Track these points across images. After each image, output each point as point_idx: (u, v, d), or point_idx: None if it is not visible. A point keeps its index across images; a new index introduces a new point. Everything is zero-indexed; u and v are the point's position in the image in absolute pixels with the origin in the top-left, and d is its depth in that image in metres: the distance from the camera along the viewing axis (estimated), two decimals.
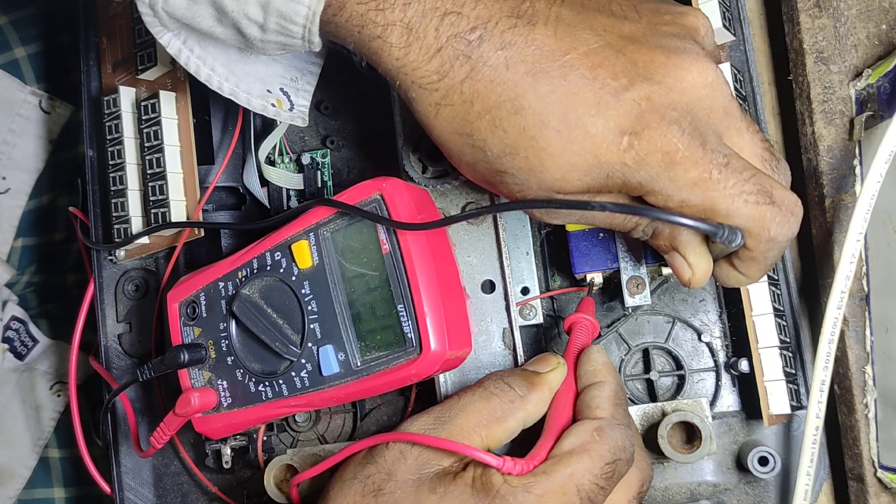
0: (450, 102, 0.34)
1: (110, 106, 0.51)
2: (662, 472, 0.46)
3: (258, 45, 0.37)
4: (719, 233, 0.32)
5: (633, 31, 0.34)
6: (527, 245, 0.46)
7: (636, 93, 0.32)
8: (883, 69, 0.42)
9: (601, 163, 0.33)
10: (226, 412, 0.44)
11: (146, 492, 0.51)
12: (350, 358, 0.40)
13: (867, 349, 0.43)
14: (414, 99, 0.35)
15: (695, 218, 0.32)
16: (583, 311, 0.41)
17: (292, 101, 0.44)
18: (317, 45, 0.37)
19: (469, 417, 0.37)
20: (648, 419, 0.41)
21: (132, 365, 0.52)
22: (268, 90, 0.43)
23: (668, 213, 0.32)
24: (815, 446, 0.40)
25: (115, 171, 0.50)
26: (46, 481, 0.63)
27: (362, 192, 0.40)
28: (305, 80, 0.45)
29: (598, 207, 0.33)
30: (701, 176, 0.33)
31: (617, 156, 0.33)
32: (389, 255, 0.39)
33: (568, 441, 0.36)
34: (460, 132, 0.35)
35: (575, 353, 0.40)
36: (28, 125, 0.63)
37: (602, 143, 0.32)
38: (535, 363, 0.40)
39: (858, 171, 0.43)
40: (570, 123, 0.33)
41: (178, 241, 0.50)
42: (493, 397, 0.38)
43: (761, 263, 0.36)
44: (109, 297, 0.52)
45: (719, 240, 0.32)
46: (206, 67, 0.40)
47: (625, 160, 0.33)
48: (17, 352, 0.62)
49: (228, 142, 0.51)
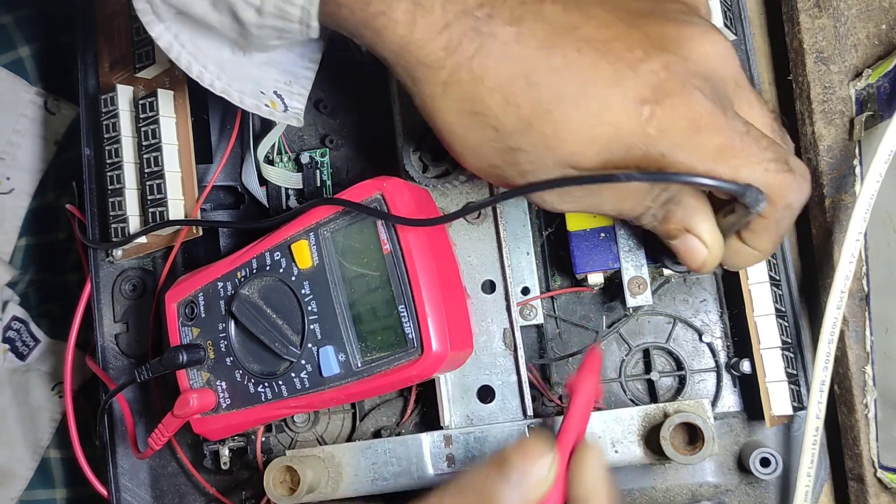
0: (458, 80, 0.33)
1: (108, 104, 0.50)
2: (664, 473, 0.46)
3: (254, 31, 0.36)
4: (748, 193, 0.31)
5: (641, 6, 0.34)
6: (527, 245, 0.46)
7: (653, 63, 0.32)
8: (883, 69, 0.42)
9: (622, 134, 0.32)
10: (224, 413, 0.44)
11: (143, 493, 0.51)
12: (350, 359, 0.40)
13: (867, 349, 0.43)
14: (419, 80, 0.34)
15: (724, 179, 0.31)
16: (588, 369, 0.37)
17: (286, 104, 0.43)
18: (315, 29, 0.36)
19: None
20: (650, 420, 0.41)
21: (130, 365, 0.52)
22: (261, 91, 0.42)
23: (698, 175, 0.31)
24: (815, 447, 0.40)
25: (113, 170, 0.50)
26: (48, 482, 0.62)
27: (363, 192, 0.40)
28: (300, 84, 0.44)
29: (625, 178, 0.31)
30: (724, 143, 0.32)
31: (639, 126, 0.32)
32: (390, 255, 0.39)
33: None
34: (468, 111, 0.34)
35: (570, 438, 0.35)
36: (33, 126, 0.63)
37: (622, 113, 0.32)
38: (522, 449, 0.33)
39: (858, 171, 0.43)
40: (587, 95, 0.32)
41: (176, 241, 0.49)
42: None
43: (775, 233, 0.35)
44: (106, 297, 0.52)
45: (747, 200, 0.32)
46: (198, 64, 0.39)
47: (647, 130, 0.32)
48: (19, 352, 0.62)
49: (227, 141, 0.51)
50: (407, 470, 0.43)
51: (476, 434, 0.42)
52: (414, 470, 0.42)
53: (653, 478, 0.46)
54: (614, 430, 0.41)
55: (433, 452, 0.43)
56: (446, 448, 0.42)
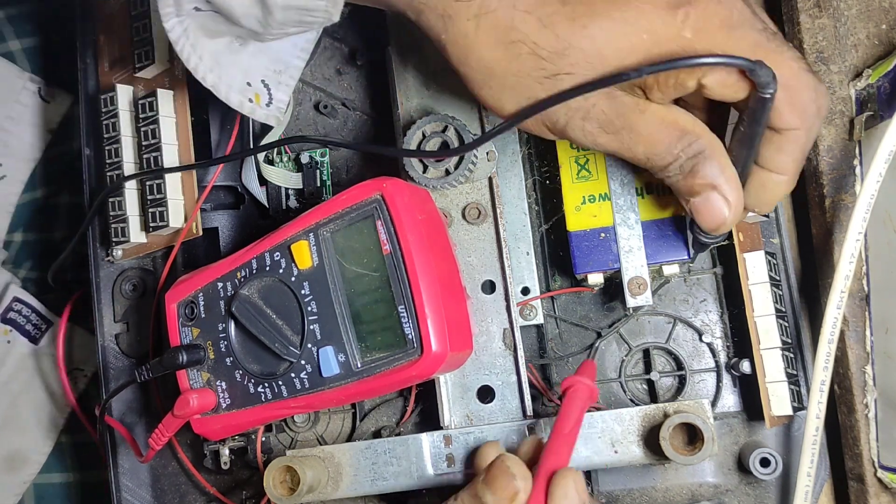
0: (490, 9, 0.33)
1: (107, 104, 0.50)
2: (663, 473, 0.46)
3: (278, 15, 0.36)
4: (758, 69, 0.31)
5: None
6: (527, 245, 0.46)
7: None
8: (883, 69, 0.42)
9: (660, 40, 0.32)
10: (225, 413, 0.44)
11: (144, 493, 0.51)
12: (350, 359, 0.40)
13: (867, 349, 0.43)
14: (450, 17, 0.34)
15: (731, 55, 0.31)
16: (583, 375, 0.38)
17: (271, 95, 0.43)
18: (336, 14, 0.36)
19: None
20: (650, 420, 0.41)
21: (130, 365, 0.52)
22: (248, 83, 0.42)
23: (705, 56, 0.31)
24: (815, 447, 0.40)
25: (113, 170, 0.50)
26: (61, 466, 0.63)
27: (363, 192, 0.40)
28: (288, 74, 0.44)
29: (635, 74, 0.32)
30: (758, 40, 0.32)
31: (675, 29, 0.32)
32: (390, 256, 0.39)
33: None
34: (504, 41, 0.33)
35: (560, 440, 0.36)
36: (26, 112, 0.63)
37: (657, 19, 0.32)
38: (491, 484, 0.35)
39: (858, 171, 0.43)
40: (621, 6, 0.32)
41: (176, 241, 0.49)
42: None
43: (802, 147, 0.35)
44: (107, 297, 0.52)
45: (759, 78, 0.31)
46: (196, 55, 0.39)
47: (684, 33, 0.32)
48: (31, 335, 0.62)
49: (226, 140, 0.51)
50: (407, 470, 0.43)
51: (476, 434, 0.42)
52: (414, 470, 0.43)
53: (652, 478, 0.46)
54: (614, 431, 0.41)
55: (433, 452, 0.43)
56: (446, 448, 0.43)
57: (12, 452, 0.61)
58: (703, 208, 0.36)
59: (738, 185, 0.35)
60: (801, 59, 0.33)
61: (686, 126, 0.35)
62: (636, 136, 0.35)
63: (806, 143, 0.35)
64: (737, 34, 0.32)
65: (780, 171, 0.36)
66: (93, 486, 0.62)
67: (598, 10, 0.32)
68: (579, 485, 0.34)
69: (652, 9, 0.32)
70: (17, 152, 0.63)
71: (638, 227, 0.43)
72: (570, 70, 0.33)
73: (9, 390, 0.62)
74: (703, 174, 0.35)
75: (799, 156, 0.35)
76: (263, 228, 0.47)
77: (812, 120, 0.34)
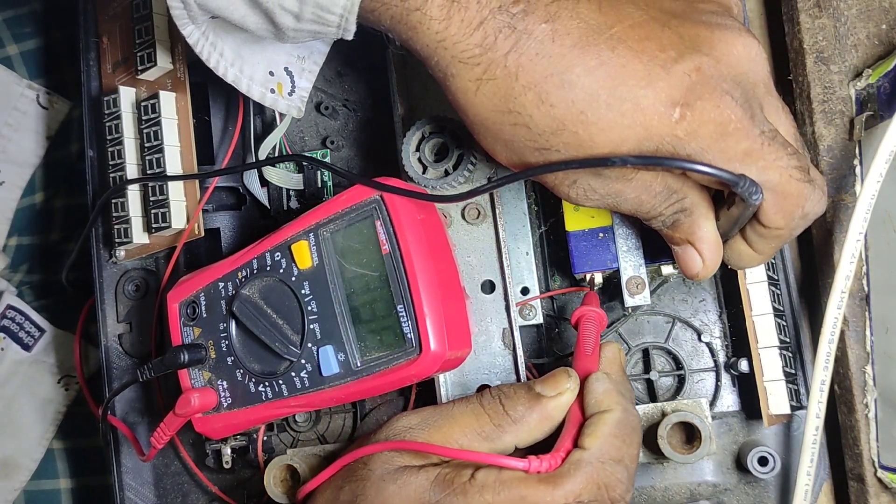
0: (492, 77, 0.33)
1: (110, 106, 0.51)
2: (662, 472, 0.46)
3: (289, 34, 0.36)
4: (742, 183, 0.31)
5: (674, 6, 0.34)
6: (527, 245, 0.46)
7: (686, 65, 0.32)
8: (883, 69, 0.42)
9: (651, 135, 0.32)
10: (226, 412, 0.45)
11: (147, 492, 0.52)
12: (350, 358, 0.40)
13: (867, 349, 0.43)
14: (453, 76, 0.34)
15: (717, 167, 0.32)
16: (588, 305, 0.41)
17: (294, 83, 0.43)
18: (351, 32, 0.36)
19: (455, 428, 0.38)
20: (648, 419, 0.41)
21: (132, 365, 0.52)
22: (270, 72, 0.42)
23: (691, 162, 0.32)
24: (815, 446, 0.40)
25: (115, 172, 0.51)
26: (52, 473, 0.63)
27: (362, 193, 0.40)
28: (312, 60, 0.44)
29: (620, 162, 0.32)
30: (751, 147, 0.32)
31: (668, 128, 0.32)
32: (389, 256, 0.39)
33: None
34: (502, 109, 0.34)
35: (585, 358, 0.40)
36: (25, 119, 0.63)
37: (653, 115, 0.32)
38: (544, 382, 0.39)
39: (858, 171, 0.43)
40: (620, 97, 0.32)
41: (179, 242, 0.50)
42: (482, 415, 0.38)
43: (783, 240, 0.36)
44: (110, 297, 0.53)
45: (741, 191, 0.32)
46: (216, 52, 0.40)
47: (676, 132, 0.32)
48: (24, 343, 0.62)
49: (228, 142, 0.51)
50: None
51: None
52: None
53: (651, 477, 0.46)
54: None
55: None
56: None
57: (4, 458, 0.61)
58: (681, 258, 0.37)
59: (716, 245, 0.36)
60: (796, 166, 0.33)
61: (673, 186, 0.35)
62: (623, 200, 0.36)
63: (788, 238, 0.36)
64: (729, 141, 0.32)
65: (757, 251, 0.37)
66: (84, 493, 0.62)
67: (598, 99, 0.32)
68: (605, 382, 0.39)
69: (651, 103, 0.32)
70: (15, 158, 0.63)
71: (636, 227, 0.43)
72: (561, 148, 0.34)
73: (2, 396, 0.62)
74: (683, 230, 0.36)
75: (778, 245, 0.36)
76: (265, 229, 0.47)
77: (797, 222, 0.34)
